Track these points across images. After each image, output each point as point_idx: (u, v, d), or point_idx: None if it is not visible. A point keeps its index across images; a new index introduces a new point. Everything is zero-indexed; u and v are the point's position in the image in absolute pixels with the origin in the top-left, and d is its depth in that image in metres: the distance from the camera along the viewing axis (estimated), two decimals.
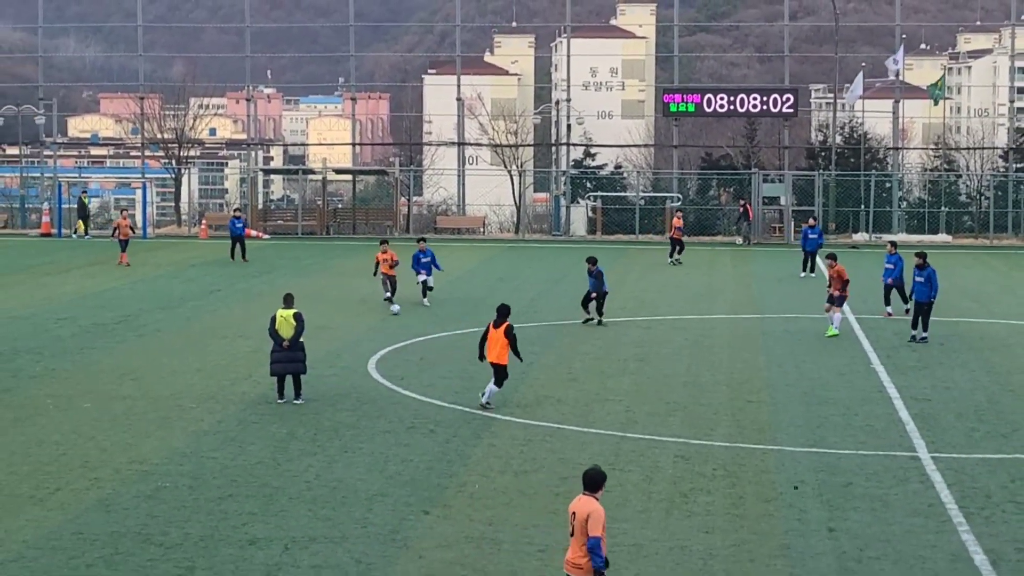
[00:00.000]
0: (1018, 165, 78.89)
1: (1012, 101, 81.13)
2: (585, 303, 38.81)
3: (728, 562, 17.77)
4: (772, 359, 33.14)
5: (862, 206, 71.96)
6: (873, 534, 19.01)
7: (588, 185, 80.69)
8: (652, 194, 77.44)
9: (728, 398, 28.35)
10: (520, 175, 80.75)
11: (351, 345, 34.42)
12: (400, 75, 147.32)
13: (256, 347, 32.82)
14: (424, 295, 41.85)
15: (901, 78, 76.71)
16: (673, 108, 73.51)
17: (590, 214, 74.83)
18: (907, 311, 38.03)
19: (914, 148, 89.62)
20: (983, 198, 76.57)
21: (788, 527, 19.30)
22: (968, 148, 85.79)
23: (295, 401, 27.27)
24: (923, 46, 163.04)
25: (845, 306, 37.92)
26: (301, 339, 27.30)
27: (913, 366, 32.12)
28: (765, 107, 72.77)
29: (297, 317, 27.35)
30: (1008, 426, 25.89)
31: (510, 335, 26.80)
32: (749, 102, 72.87)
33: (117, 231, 54.61)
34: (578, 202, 76.59)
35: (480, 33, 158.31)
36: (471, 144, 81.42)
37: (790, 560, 17.84)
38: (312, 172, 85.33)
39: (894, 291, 40.28)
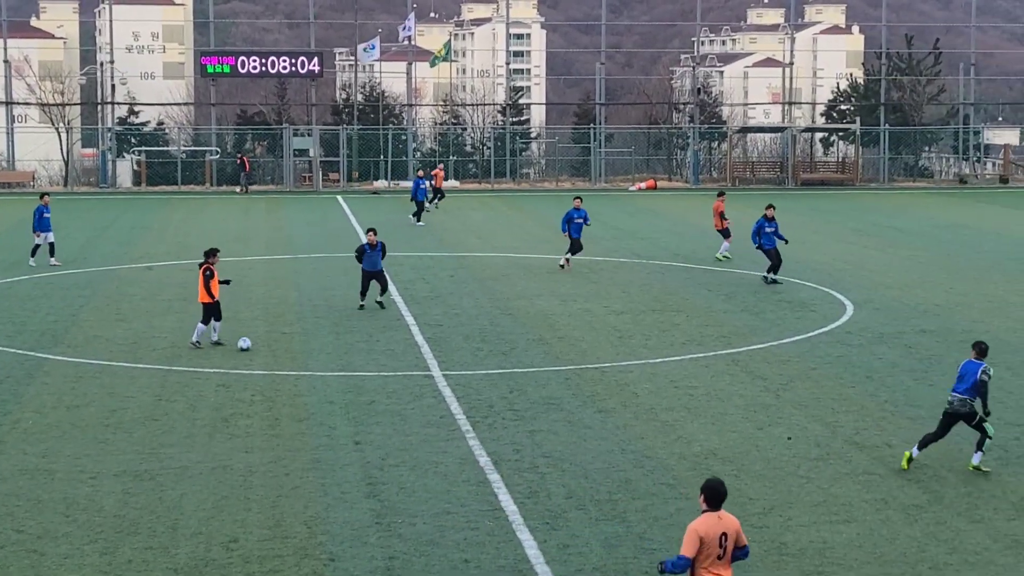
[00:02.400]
0: (514, 119, 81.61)
1: (508, 63, 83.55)
2: (366, 287, 30.64)
3: (266, 477, 17.75)
4: (303, 294, 33.20)
5: (381, 156, 72.94)
6: (393, 444, 19.36)
7: (133, 140, 78.58)
8: (193, 148, 76.11)
9: (265, 331, 28.23)
10: (68, 132, 77.81)
11: None
12: None
13: None
14: (53, 254, 37.67)
15: (414, 43, 77.85)
16: (211, 69, 72.32)
17: (135, 167, 73.04)
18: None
19: (426, 105, 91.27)
20: (485, 148, 78.89)
21: (319, 443, 19.44)
22: (472, 104, 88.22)
23: None
24: (432, 14, 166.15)
25: None
26: None
27: (427, 296, 32.81)
28: (294, 68, 72.58)
29: None
30: (507, 345, 26.83)
31: (204, 275, 26.38)
32: (280, 64, 72.53)
33: None
34: (124, 156, 74.51)
35: None
36: (20, 103, 77.93)
37: (321, 471, 17.98)
38: None
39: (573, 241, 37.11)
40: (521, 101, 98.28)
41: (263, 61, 72.44)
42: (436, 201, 55.94)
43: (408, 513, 16.28)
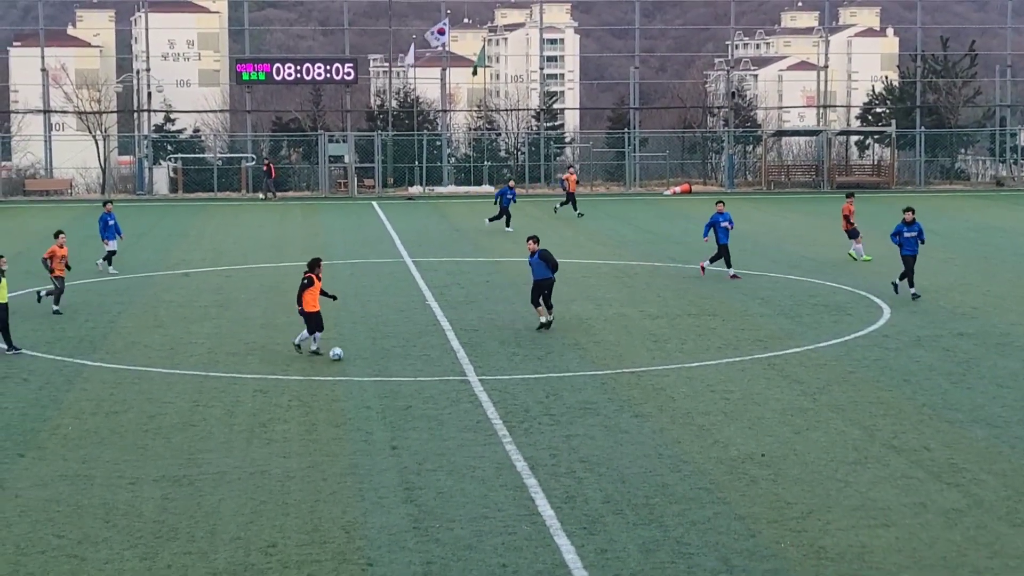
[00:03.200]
0: (547, 124, 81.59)
1: (542, 68, 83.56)
2: (536, 298, 28.79)
3: (303, 482, 17.78)
4: (339, 299, 33.16)
5: (416, 162, 73.03)
6: (430, 449, 19.37)
7: (169, 148, 79.06)
8: (229, 155, 76.44)
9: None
10: (105, 140, 78.32)
11: None
12: None
13: None
14: (111, 263, 38.21)
15: (448, 48, 77.98)
16: (246, 77, 72.71)
17: (172, 175, 73.45)
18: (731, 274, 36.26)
19: (460, 110, 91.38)
20: (520, 153, 78.91)
21: (356, 448, 19.46)
22: (506, 110, 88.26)
23: None
24: (466, 20, 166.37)
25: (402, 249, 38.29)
26: None
27: (462, 301, 32.83)
28: (328, 75, 72.80)
29: None
30: (543, 350, 26.81)
31: (301, 283, 26.20)
32: (314, 71, 72.75)
33: None
34: (160, 164, 74.95)
35: (63, 8, 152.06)
36: (57, 112, 78.45)
37: (358, 477, 18.01)
38: None
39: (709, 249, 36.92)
40: (555, 106, 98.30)
41: (298, 68, 72.73)
42: (575, 208, 55.70)
43: (445, 518, 16.28)
